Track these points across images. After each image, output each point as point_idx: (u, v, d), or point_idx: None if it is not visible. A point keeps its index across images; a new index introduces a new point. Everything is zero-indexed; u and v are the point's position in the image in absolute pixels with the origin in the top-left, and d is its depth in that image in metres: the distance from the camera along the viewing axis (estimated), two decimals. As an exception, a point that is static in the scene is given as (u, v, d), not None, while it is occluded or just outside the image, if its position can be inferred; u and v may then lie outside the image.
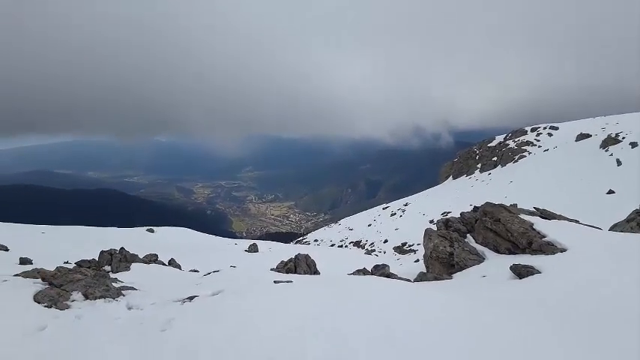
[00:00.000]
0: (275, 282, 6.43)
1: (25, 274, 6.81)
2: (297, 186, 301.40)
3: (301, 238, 66.42)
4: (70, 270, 7.12)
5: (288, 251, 26.61)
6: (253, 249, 28.39)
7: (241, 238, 73.70)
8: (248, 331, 4.79)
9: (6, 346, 4.34)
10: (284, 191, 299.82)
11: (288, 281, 6.43)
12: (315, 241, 53.74)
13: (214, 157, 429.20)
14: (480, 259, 9.89)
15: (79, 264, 10.91)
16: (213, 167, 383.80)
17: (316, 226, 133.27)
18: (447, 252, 10.42)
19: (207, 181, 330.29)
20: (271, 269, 11.28)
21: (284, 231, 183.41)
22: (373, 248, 39.75)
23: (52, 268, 10.22)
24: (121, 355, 4.53)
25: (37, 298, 5.68)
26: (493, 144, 60.74)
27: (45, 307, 5.52)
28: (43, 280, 6.53)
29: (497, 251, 9.97)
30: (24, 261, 16.85)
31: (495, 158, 56.35)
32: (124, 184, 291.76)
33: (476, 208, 11.90)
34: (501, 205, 10.57)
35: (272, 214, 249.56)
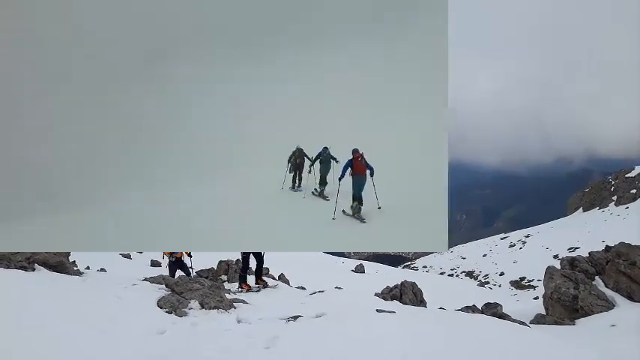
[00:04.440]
0: (377, 310, 6.36)
1: (152, 280, 7.54)
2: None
3: (409, 262, 65.08)
4: (190, 279, 7.76)
5: (394, 275, 26.22)
6: (360, 269, 28.50)
7: (349, 257, 74.05)
8: (349, 360, 4.77)
9: (129, 345, 4.83)
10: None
11: (390, 311, 6.33)
12: (424, 267, 52.29)
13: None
14: (609, 305, 8.90)
15: (199, 273, 11.86)
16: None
17: (426, 252, 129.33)
18: (570, 294, 9.50)
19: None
20: (376, 294, 11.19)
21: (392, 253, 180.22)
22: (487, 280, 37.55)
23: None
24: (228, 368, 4.78)
25: (160, 304, 6.27)
26: (632, 174, 53.97)
27: (166, 312, 6.07)
28: (167, 286, 7.20)
29: (631, 299, 8.92)
30: (154, 263, 18.74)
31: (634, 191, 50.12)
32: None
33: (608, 248, 10.79)
34: (639, 247, 9.43)
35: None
